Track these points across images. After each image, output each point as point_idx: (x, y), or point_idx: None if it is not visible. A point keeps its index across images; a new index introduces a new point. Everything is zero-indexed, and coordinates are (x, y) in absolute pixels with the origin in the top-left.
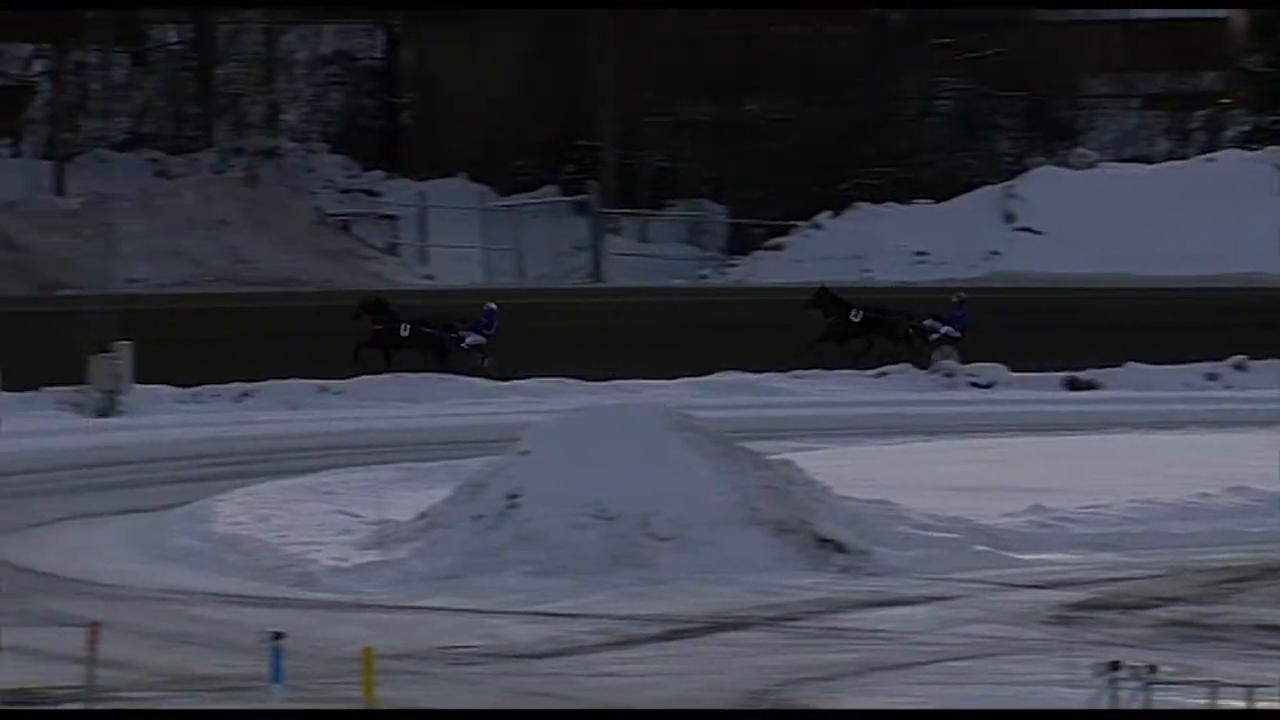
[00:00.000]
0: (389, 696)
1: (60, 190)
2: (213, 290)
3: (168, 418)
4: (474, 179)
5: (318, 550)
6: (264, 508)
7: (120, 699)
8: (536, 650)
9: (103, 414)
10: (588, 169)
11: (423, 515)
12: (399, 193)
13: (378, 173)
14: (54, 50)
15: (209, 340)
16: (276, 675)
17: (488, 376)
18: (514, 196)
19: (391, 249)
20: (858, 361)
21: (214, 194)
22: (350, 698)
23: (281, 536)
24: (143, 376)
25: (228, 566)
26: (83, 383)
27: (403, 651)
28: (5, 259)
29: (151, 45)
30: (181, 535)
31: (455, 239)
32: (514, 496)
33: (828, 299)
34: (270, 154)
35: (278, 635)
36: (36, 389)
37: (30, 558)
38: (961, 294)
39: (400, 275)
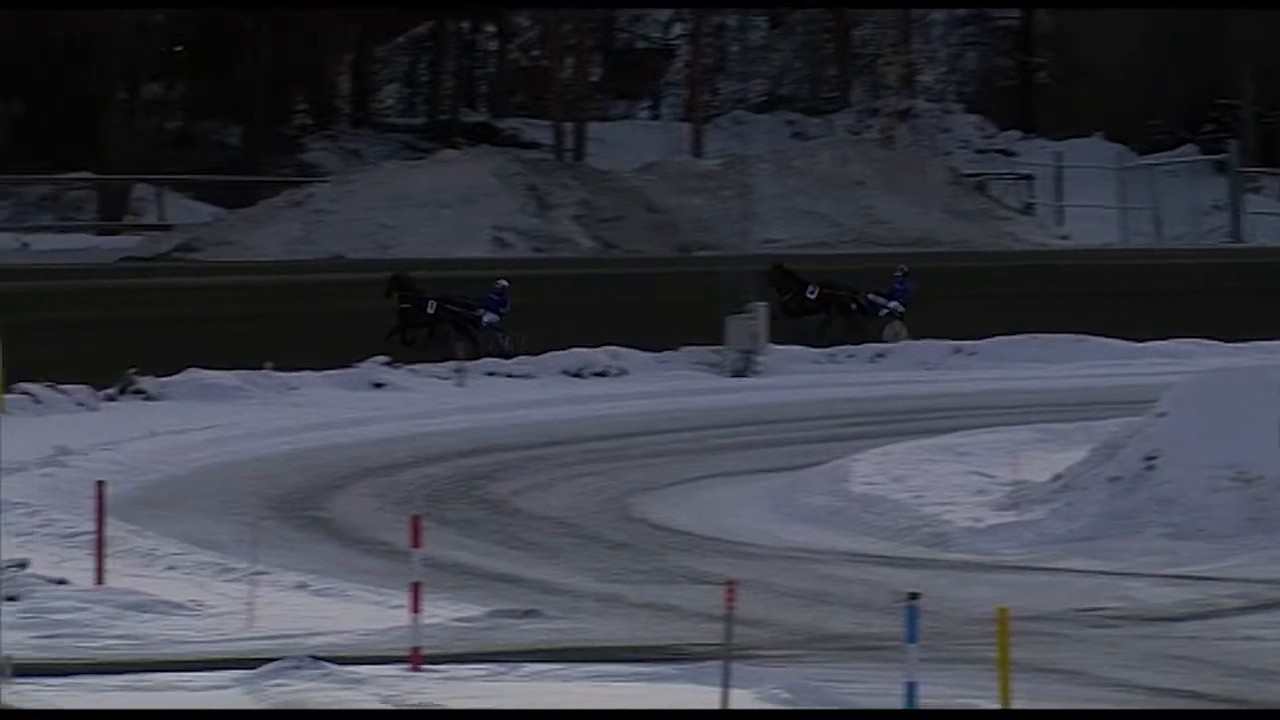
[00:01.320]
0: (1023, 658)
1: (698, 152)
2: (847, 250)
3: (802, 377)
4: (1110, 138)
5: (952, 510)
6: (898, 467)
7: (757, 657)
8: (1174, 613)
9: (739, 374)
10: (1227, 127)
11: (1058, 476)
12: (1035, 152)
13: (1014, 132)
14: (693, 14)
15: None
16: (912, 635)
17: (504, 355)
18: (1151, 155)
19: (1027, 209)
20: (820, 338)
21: (850, 155)
22: (985, 658)
23: (916, 496)
24: (778, 337)
25: (863, 526)
26: (719, 343)
27: (1037, 613)
28: (645, 220)
29: (789, 7)
30: (817, 494)
31: (1091, 199)
32: (1151, 458)
33: (783, 276)
34: (906, 115)
35: (913, 595)
36: (674, 349)
37: (668, 515)
38: (904, 268)
39: (1035, 235)
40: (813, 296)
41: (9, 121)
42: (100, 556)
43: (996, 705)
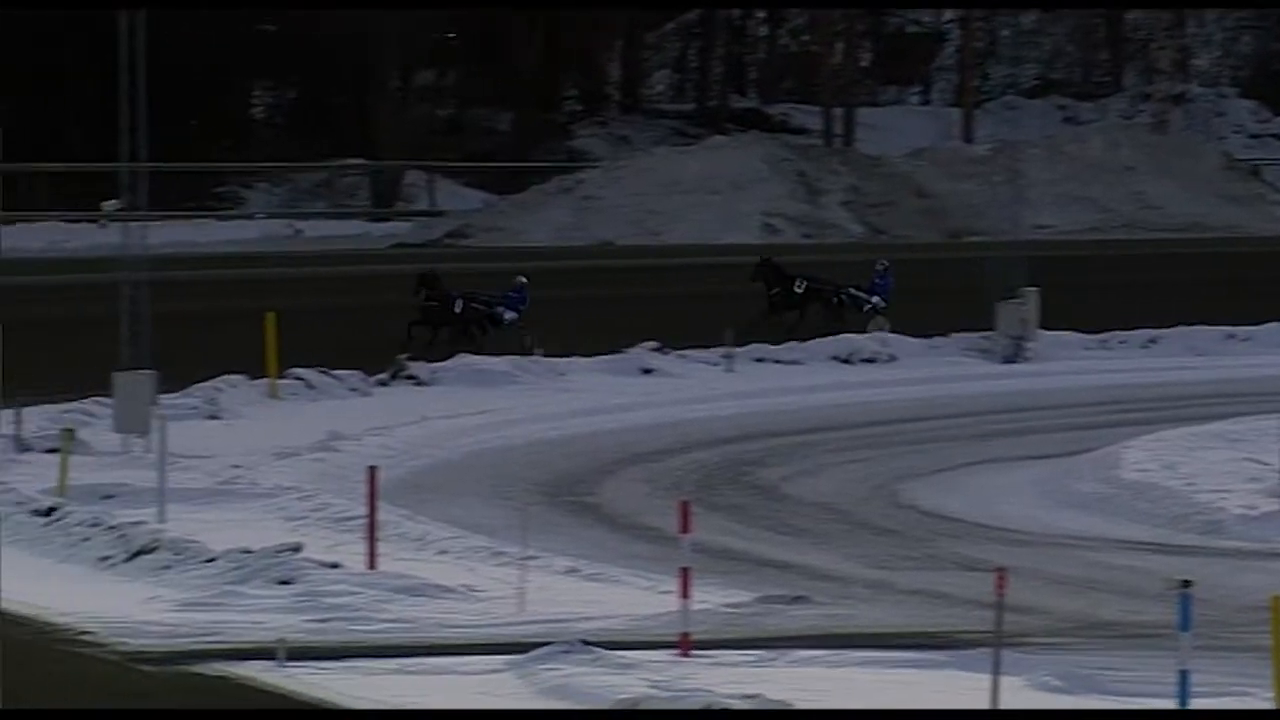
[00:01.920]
0: None
1: (969, 137)
2: (1119, 236)
3: (1074, 364)
4: None
5: (1225, 497)
6: (1171, 454)
7: (1028, 644)
8: None
9: (1009, 360)
10: None
11: None
12: None
13: None
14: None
15: (1115, 286)
16: (1185, 623)
17: (525, 354)
18: None
19: None
20: (792, 334)
21: (1121, 140)
22: (1259, 646)
23: (1189, 483)
24: (1049, 322)
25: (1134, 513)
26: (990, 329)
27: None
28: (915, 205)
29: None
30: (1088, 481)
31: None
32: None
33: (770, 271)
34: (1179, 99)
35: (1186, 583)
36: (945, 335)
37: (938, 502)
38: (884, 263)
39: None
40: (800, 291)
41: (284, 108)
42: (372, 541)
43: (1270, 694)
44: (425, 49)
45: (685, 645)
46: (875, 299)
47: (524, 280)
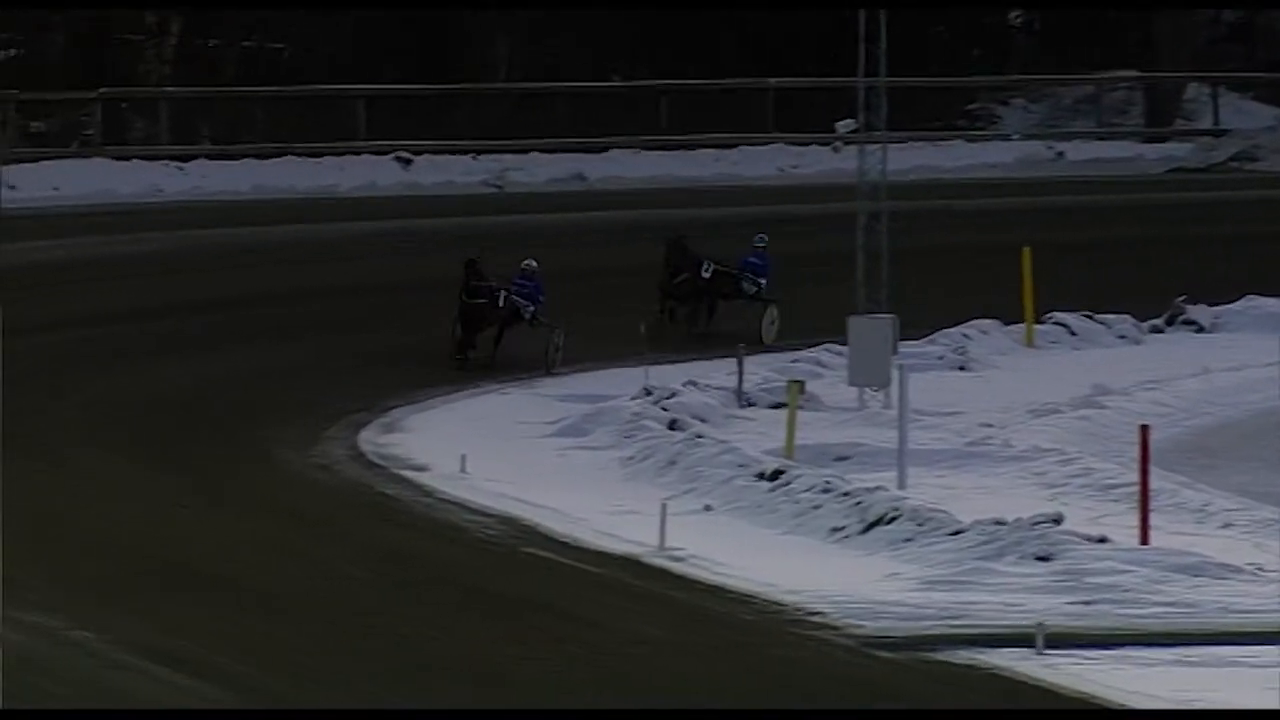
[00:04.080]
0: None
1: None
2: None
3: None
4: None
5: None
6: None
7: None
8: None
9: None
10: None
11: None
12: None
13: None
14: None
15: None
16: None
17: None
18: None
19: None
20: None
21: None
22: None
23: None
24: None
25: None
26: None
27: None
28: None
29: None
30: None
31: None
32: None
33: (681, 253)
34: None
35: None
36: None
37: None
38: (763, 237)
39: None
40: (707, 276)
41: (1044, 12)
42: (1145, 512)
43: None
44: None
45: None
46: (761, 281)
47: (534, 265)
